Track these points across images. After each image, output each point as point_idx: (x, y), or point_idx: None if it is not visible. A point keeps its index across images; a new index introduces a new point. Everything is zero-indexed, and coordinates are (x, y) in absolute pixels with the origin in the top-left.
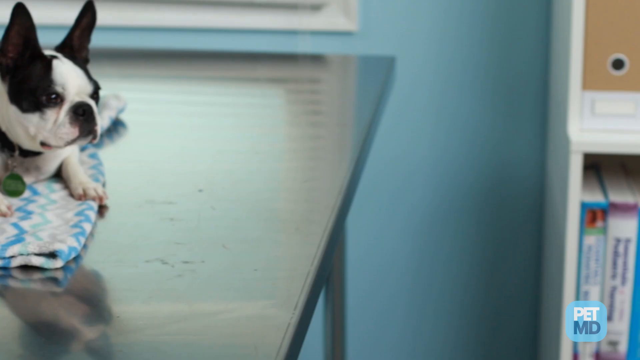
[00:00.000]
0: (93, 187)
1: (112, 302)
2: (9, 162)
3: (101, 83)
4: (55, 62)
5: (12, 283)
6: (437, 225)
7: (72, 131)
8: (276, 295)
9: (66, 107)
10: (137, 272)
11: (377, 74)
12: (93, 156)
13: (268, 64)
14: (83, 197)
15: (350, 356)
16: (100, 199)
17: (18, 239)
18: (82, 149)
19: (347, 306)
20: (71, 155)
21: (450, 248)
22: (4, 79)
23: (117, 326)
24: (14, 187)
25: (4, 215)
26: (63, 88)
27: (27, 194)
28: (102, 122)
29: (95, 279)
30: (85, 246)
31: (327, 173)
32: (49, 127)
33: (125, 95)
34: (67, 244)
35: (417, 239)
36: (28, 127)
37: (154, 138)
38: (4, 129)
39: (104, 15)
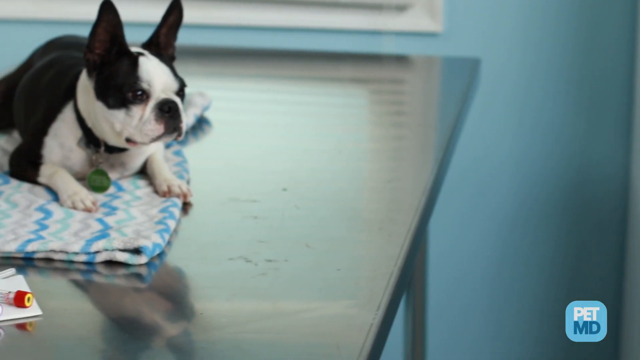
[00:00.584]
0: (177, 184)
1: (195, 299)
2: (95, 158)
3: (186, 81)
4: (141, 59)
5: (96, 278)
6: (519, 226)
7: (158, 128)
8: (359, 295)
9: (152, 103)
10: (221, 270)
11: (462, 75)
12: (178, 153)
13: (352, 64)
14: (167, 194)
15: (431, 357)
16: (185, 196)
17: (103, 235)
18: (167, 146)
19: (427, 307)
20: (156, 152)
21: (531, 249)
22: (90, 76)
23: (200, 323)
24: (99, 182)
25: (89, 210)
26: (149, 85)
27: (112, 190)
28: (187, 119)
29: (178, 275)
30: (169, 243)
31: (410, 173)
32: (134, 123)
33: (211, 93)
34: (151, 241)
35: (499, 240)
36: (114, 124)
37: (239, 136)
38: (90, 125)
39: (190, 13)
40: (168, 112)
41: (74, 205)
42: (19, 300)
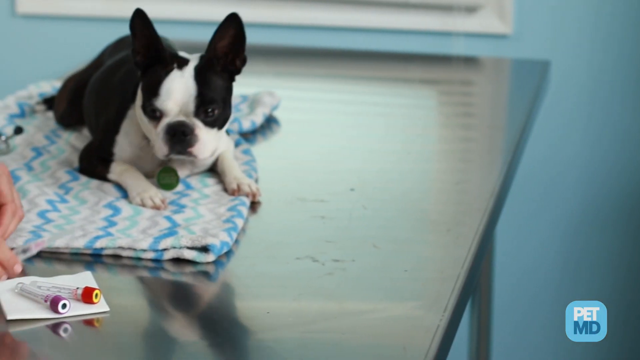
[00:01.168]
0: (247, 183)
1: (262, 298)
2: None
3: (255, 81)
4: (171, 75)
5: (163, 275)
6: (585, 228)
7: (163, 148)
8: (425, 296)
9: (163, 123)
10: (288, 269)
11: (531, 77)
12: (246, 152)
13: (421, 65)
14: (237, 192)
15: (495, 359)
16: (254, 195)
17: (171, 232)
18: (236, 145)
19: (493, 308)
20: (227, 150)
21: (597, 251)
22: (138, 77)
23: (267, 322)
24: (167, 180)
25: (158, 208)
26: (163, 105)
27: (180, 188)
28: (256, 118)
29: (245, 274)
30: (237, 241)
31: (478, 175)
32: (152, 136)
33: (280, 93)
34: (219, 239)
35: (565, 242)
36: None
37: (307, 136)
38: None
39: (261, 13)
40: (174, 136)
41: (143, 202)
42: (86, 296)
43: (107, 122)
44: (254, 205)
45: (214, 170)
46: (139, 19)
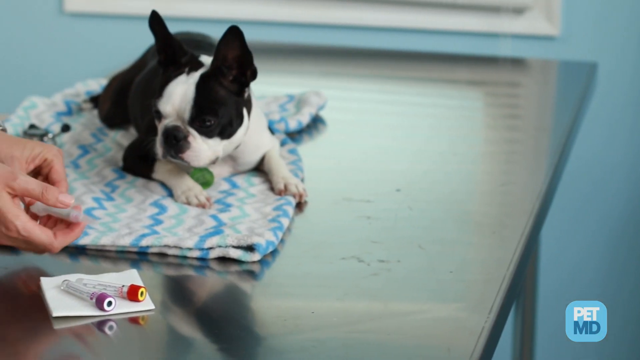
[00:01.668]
0: (295, 183)
1: (307, 297)
2: None
3: (301, 80)
4: (177, 79)
5: (209, 274)
6: (630, 231)
7: (160, 150)
8: (470, 298)
9: (161, 125)
10: (333, 269)
11: (578, 79)
12: (292, 152)
13: (468, 66)
14: (284, 192)
15: None
16: (300, 196)
17: (217, 231)
18: (282, 144)
19: (537, 310)
20: (273, 149)
21: None
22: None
23: (312, 322)
24: (202, 179)
25: (203, 206)
26: (162, 107)
27: (226, 186)
28: (302, 118)
29: (291, 274)
30: (282, 241)
31: (524, 177)
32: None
33: (326, 93)
34: (265, 238)
35: (610, 245)
36: None
37: (353, 136)
38: None
39: (308, 13)
40: (167, 139)
41: (188, 200)
42: (132, 294)
43: (149, 122)
44: (300, 205)
45: (259, 169)
46: (154, 20)
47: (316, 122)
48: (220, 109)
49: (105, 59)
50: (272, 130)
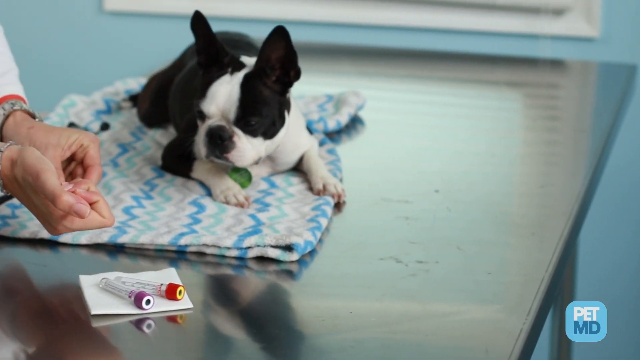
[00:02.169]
0: (333, 183)
1: (345, 298)
2: None
3: (341, 81)
4: (220, 79)
5: (247, 274)
6: None
7: (203, 150)
8: (508, 299)
9: (205, 125)
10: (371, 270)
11: (617, 81)
12: (331, 152)
13: (507, 68)
14: (322, 192)
15: None
16: (339, 196)
17: (255, 231)
18: (321, 144)
19: None
20: (312, 148)
21: None
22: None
23: (350, 322)
24: (239, 179)
25: (242, 205)
26: (206, 107)
27: (265, 186)
28: (341, 118)
29: (329, 274)
30: (320, 241)
31: (562, 179)
32: (199, 135)
33: (365, 93)
34: (303, 238)
35: None
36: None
37: (392, 136)
38: None
39: (347, 13)
40: (212, 139)
41: (227, 200)
42: (170, 292)
43: (188, 122)
44: (338, 205)
45: (298, 169)
46: (197, 20)
47: (355, 123)
48: (264, 109)
49: (145, 58)
50: (310, 130)
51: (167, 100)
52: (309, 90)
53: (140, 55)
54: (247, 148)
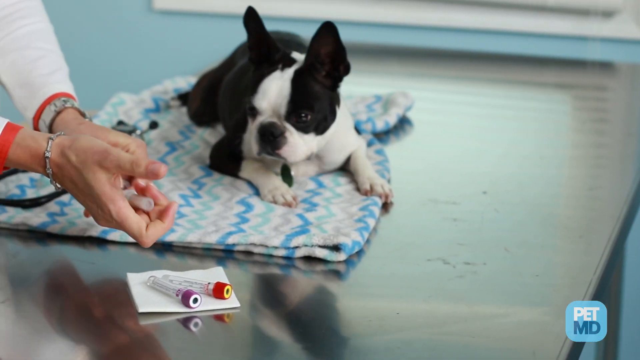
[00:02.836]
0: (380, 183)
1: (392, 298)
2: None
3: (389, 81)
4: (271, 75)
5: (294, 273)
6: None
7: (255, 146)
8: (556, 302)
9: (257, 122)
10: (419, 271)
11: None
12: (379, 152)
13: (556, 69)
14: (369, 192)
15: None
16: (386, 196)
17: (303, 230)
18: (369, 145)
19: (622, 316)
20: (359, 149)
21: None
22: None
23: (396, 323)
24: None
25: (290, 205)
26: (258, 103)
27: (313, 186)
28: (389, 119)
29: (376, 274)
30: (368, 241)
31: (611, 182)
32: (251, 132)
33: (413, 94)
34: (351, 238)
35: None
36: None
37: (439, 137)
38: None
39: (395, 14)
40: (264, 135)
41: (275, 199)
42: (218, 291)
43: (236, 121)
44: (385, 206)
45: (345, 169)
46: (250, 17)
47: (403, 123)
48: (316, 104)
49: (193, 57)
50: (358, 131)
51: (217, 99)
52: (357, 90)
53: (189, 54)
54: (299, 143)
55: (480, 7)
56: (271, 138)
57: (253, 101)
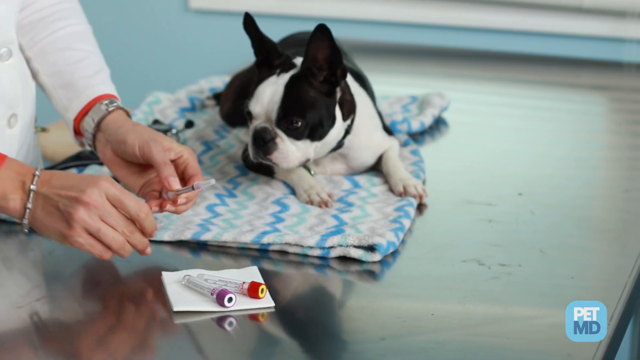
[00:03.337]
0: (413, 184)
1: (427, 299)
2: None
3: (425, 82)
4: (267, 80)
5: (329, 273)
6: None
7: (251, 151)
8: None
9: (252, 126)
10: (453, 272)
11: None
12: (415, 153)
13: (592, 71)
14: (403, 194)
15: None
16: (420, 197)
17: (338, 230)
18: (404, 145)
19: None
20: (390, 149)
21: None
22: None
23: (431, 324)
24: None
25: (326, 204)
26: (251, 107)
27: (348, 186)
28: (425, 119)
29: (411, 275)
30: (403, 242)
31: None
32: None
33: (449, 95)
34: (386, 239)
35: None
36: None
37: (475, 138)
38: None
39: (432, 14)
40: (256, 140)
41: (310, 198)
42: (252, 291)
43: None
44: (420, 207)
45: (379, 169)
46: (248, 22)
47: (439, 124)
48: (308, 111)
49: (229, 56)
50: (391, 131)
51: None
52: (393, 91)
53: (224, 53)
54: (291, 150)
55: (517, 8)
56: (262, 143)
57: (249, 105)
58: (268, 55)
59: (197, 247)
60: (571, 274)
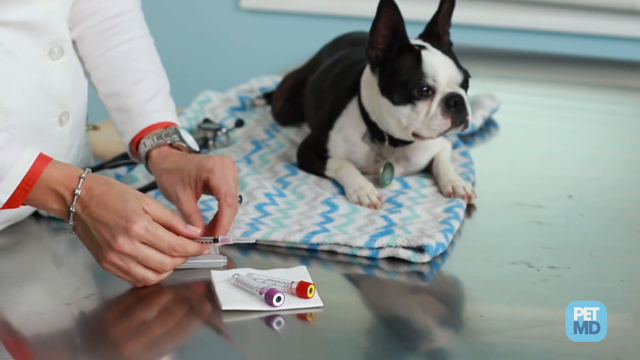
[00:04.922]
0: (462, 185)
1: (475, 301)
2: (380, 151)
3: (475, 83)
4: (424, 54)
5: (377, 274)
6: None
7: (445, 122)
8: None
9: (437, 99)
10: (502, 274)
11: None
12: (464, 154)
13: None
14: (452, 195)
15: None
16: (469, 197)
17: (387, 231)
18: (454, 147)
19: None
20: (442, 151)
21: None
22: (373, 72)
23: (480, 326)
24: (387, 178)
25: (375, 206)
26: (434, 80)
27: (398, 186)
28: (475, 121)
29: (460, 276)
30: (452, 243)
31: None
32: (421, 119)
33: (500, 96)
34: (435, 240)
35: None
36: (400, 119)
37: (525, 140)
38: (374, 119)
39: (483, 15)
40: (454, 107)
41: (360, 199)
42: (301, 290)
43: (321, 119)
44: (470, 208)
45: (429, 171)
46: (390, 7)
47: (489, 126)
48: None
49: (280, 56)
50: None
51: (301, 99)
52: None
53: (275, 53)
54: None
55: (568, 10)
56: (462, 107)
57: (427, 81)
58: (403, 39)
59: (247, 246)
60: (620, 277)
